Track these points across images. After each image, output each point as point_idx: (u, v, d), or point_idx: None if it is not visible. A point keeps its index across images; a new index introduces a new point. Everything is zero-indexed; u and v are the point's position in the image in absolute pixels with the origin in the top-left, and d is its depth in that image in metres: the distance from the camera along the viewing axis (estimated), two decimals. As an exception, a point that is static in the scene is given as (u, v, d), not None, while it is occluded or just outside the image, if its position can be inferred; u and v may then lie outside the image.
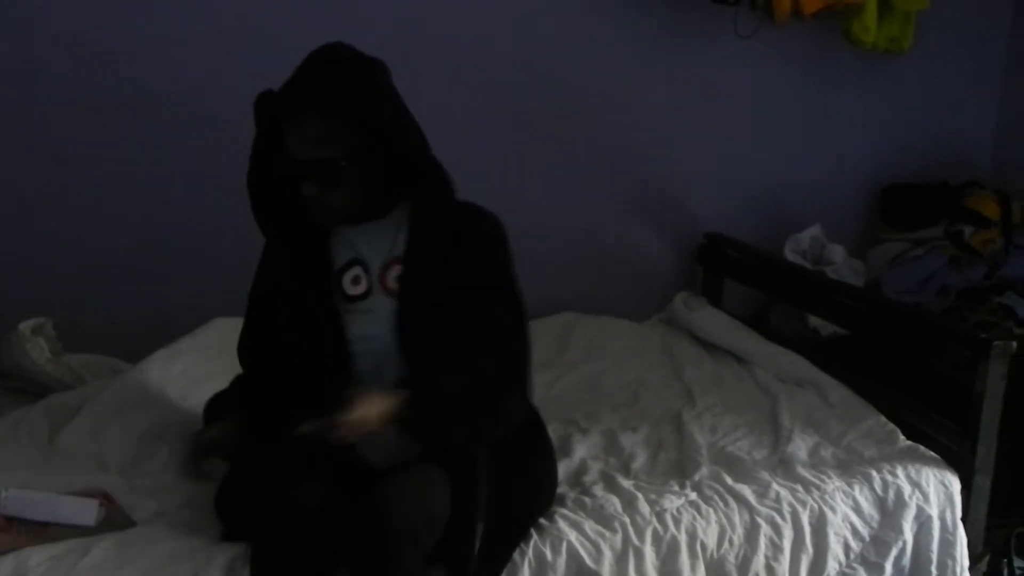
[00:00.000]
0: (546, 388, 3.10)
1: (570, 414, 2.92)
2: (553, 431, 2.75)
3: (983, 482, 2.59)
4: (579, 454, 2.65)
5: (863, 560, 2.49)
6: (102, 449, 2.54)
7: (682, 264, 3.63)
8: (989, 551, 2.65)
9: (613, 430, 2.80)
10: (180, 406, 2.72)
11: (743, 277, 3.47)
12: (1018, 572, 2.73)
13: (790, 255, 3.53)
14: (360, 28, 3.06)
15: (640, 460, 2.64)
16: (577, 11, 3.34)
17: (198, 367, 2.84)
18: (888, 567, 2.49)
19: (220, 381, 2.64)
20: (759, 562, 2.39)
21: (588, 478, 2.53)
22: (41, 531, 2.14)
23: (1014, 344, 2.56)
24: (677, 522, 2.36)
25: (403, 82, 2.21)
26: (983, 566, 2.62)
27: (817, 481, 2.51)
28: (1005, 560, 2.72)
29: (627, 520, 2.34)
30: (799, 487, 2.49)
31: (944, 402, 2.74)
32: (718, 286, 3.55)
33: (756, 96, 3.54)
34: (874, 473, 2.53)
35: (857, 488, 2.51)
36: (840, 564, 2.46)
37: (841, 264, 3.53)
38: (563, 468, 2.57)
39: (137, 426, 2.61)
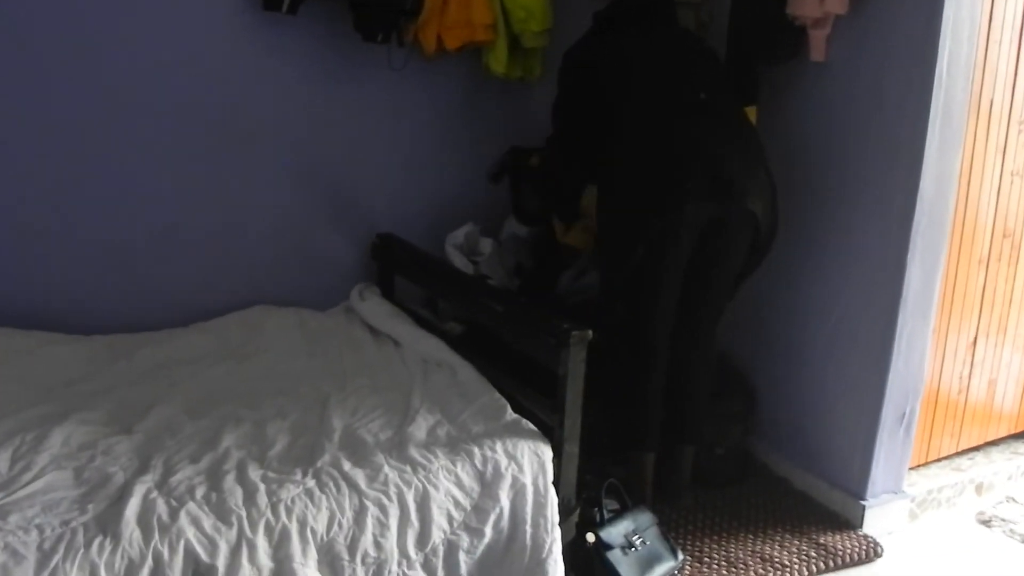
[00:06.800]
0: (225, 378, 2.64)
1: (234, 404, 2.48)
2: (210, 424, 2.32)
3: (572, 449, 2.38)
4: (225, 444, 2.28)
5: (466, 527, 2.22)
6: None
7: (362, 259, 3.17)
8: (580, 503, 2.33)
9: (265, 419, 2.43)
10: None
11: (403, 272, 3.07)
12: (609, 514, 2.44)
13: (449, 248, 3.15)
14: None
15: (278, 447, 2.30)
16: (262, 58, 2.97)
17: None
18: (488, 530, 2.24)
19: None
20: (367, 540, 2.09)
21: (226, 467, 2.16)
22: None
23: (591, 332, 2.20)
24: (289, 512, 2.04)
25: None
26: (575, 517, 2.31)
27: (424, 461, 2.23)
28: (596, 508, 2.37)
29: (243, 513, 2.00)
30: (408, 468, 2.20)
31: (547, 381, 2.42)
32: (391, 278, 3.12)
33: (412, 117, 3.18)
34: (476, 450, 2.27)
35: (460, 465, 2.24)
36: (445, 532, 2.21)
37: (490, 254, 3.18)
38: (207, 460, 2.17)
39: None
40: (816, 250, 2.92)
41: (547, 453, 2.27)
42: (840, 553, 2.69)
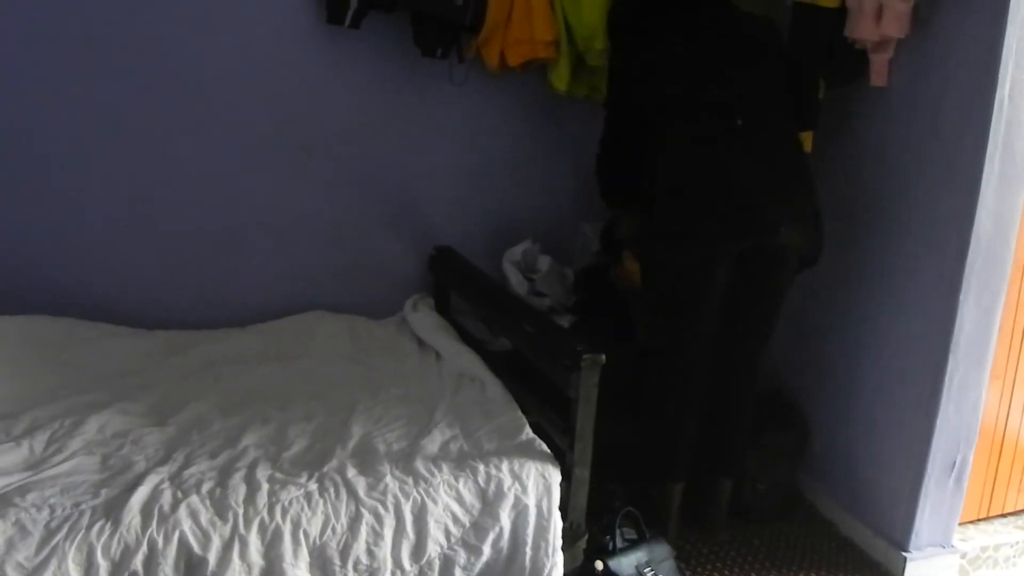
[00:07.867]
0: (265, 379, 2.72)
1: (267, 404, 2.57)
2: (238, 422, 2.39)
3: (582, 473, 2.32)
4: (245, 442, 2.34)
5: (463, 543, 2.21)
6: None
7: (421, 271, 3.23)
8: (589, 530, 2.32)
9: (290, 420, 2.48)
10: None
11: (453, 286, 3.11)
12: (624, 543, 2.47)
13: (506, 264, 3.15)
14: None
15: (294, 450, 2.34)
16: (326, 70, 3.05)
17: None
18: (486, 548, 2.22)
19: None
20: (360, 547, 2.10)
21: (239, 464, 2.21)
22: None
23: (603, 356, 2.17)
24: (285, 513, 2.07)
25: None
26: (583, 543, 2.29)
27: (427, 475, 2.23)
28: (608, 536, 2.33)
29: (240, 511, 2.05)
30: (409, 480, 2.20)
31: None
32: (447, 290, 3.15)
33: (474, 132, 3.21)
34: (481, 467, 2.25)
35: (462, 481, 2.23)
36: (441, 547, 2.19)
37: (547, 272, 3.16)
38: (224, 456, 2.24)
39: None
40: (869, 284, 2.79)
41: (555, 476, 2.24)
42: (873, 605, 2.56)
